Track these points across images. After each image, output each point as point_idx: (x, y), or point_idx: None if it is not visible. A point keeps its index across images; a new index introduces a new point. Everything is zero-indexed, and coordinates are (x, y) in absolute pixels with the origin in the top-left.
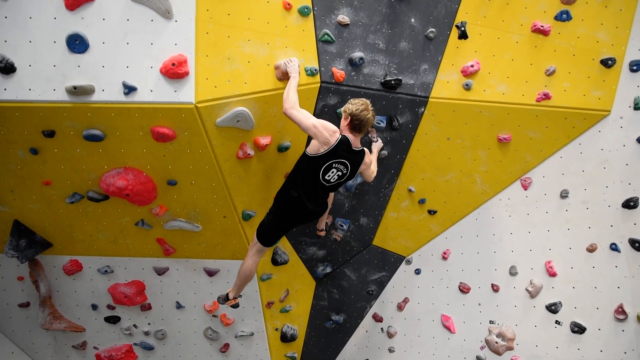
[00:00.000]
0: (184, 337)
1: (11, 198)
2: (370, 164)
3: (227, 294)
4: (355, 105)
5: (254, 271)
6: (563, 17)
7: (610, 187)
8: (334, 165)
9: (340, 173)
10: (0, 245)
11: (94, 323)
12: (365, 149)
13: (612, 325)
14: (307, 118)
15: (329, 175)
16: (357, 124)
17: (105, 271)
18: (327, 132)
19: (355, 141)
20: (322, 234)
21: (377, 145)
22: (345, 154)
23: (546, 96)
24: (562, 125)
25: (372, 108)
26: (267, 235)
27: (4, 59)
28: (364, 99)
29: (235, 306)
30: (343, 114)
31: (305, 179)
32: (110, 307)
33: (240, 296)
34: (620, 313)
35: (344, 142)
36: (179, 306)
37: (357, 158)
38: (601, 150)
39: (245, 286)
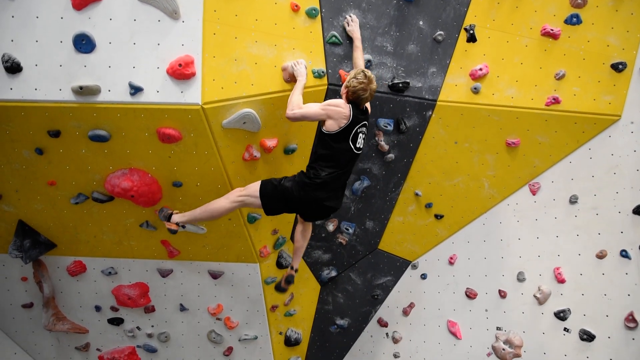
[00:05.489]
0: (188, 339)
1: (16, 198)
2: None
3: (172, 213)
4: (356, 79)
5: (222, 215)
6: (573, 20)
7: (620, 193)
8: (359, 130)
9: (364, 135)
10: (4, 246)
11: (97, 324)
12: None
13: (622, 333)
14: (312, 107)
15: (359, 142)
16: (352, 98)
17: (109, 272)
18: (339, 107)
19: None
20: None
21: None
22: (361, 116)
23: (556, 100)
24: (571, 129)
25: (373, 85)
26: (274, 202)
27: (10, 58)
28: (366, 73)
29: (173, 232)
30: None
31: (340, 154)
32: (113, 308)
33: (184, 227)
34: (631, 321)
35: (354, 109)
36: (182, 308)
37: (367, 115)
38: (611, 156)
39: (198, 222)
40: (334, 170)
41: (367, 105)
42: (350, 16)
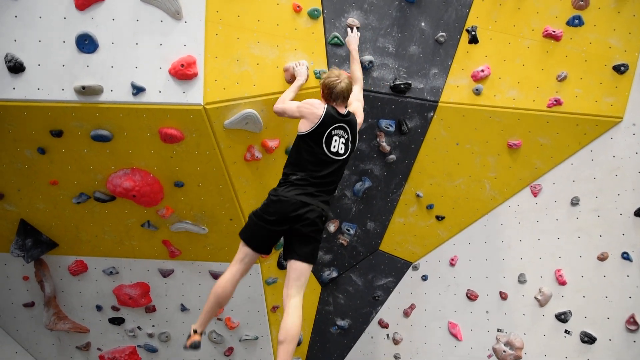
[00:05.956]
0: None
1: (18, 197)
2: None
3: (189, 334)
4: (328, 77)
5: (228, 290)
6: (575, 22)
7: (622, 195)
8: (333, 132)
9: (343, 139)
10: (6, 245)
11: (98, 324)
12: (350, 111)
13: (623, 335)
14: (291, 104)
15: (334, 147)
16: (327, 92)
17: (111, 272)
18: (313, 107)
19: (340, 108)
20: None
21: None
22: (339, 117)
23: (557, 102)
24: (573, 131)
25: (345, 78)
26: (252, 229)
27: (13, 58)
28: (337, 69)
29: (195, 346)
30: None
31: (312, 159)
32: (114, 308)
33: (204, 333)
34: (632, 323)
35: (330, 109)
36: (183, 309)
37: (350, 119)
38: (613, 158)
39: (214, 313)
40: (304, 175)
41: (356, 109)
42: (354, 25)
